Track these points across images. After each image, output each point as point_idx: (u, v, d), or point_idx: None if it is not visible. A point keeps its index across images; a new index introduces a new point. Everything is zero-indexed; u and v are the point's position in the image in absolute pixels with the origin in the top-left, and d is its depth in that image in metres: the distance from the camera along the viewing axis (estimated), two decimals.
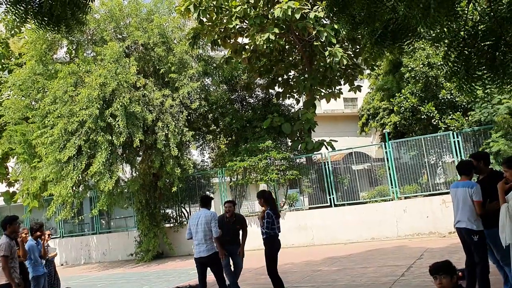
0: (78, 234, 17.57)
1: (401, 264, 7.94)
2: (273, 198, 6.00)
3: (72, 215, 13.46)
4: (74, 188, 12.73)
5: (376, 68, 18.56)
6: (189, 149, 15.25)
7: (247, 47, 14.50)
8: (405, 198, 12.47)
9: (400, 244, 10.82)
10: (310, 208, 14.27)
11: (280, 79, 16.29)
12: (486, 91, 10.03)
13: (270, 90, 16.80)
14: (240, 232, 6.65)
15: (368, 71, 19.90)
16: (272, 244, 5.80)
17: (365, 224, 12.42)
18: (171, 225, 15.42)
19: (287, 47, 15.06)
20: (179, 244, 15.00)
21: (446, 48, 4.21)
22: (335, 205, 13.21)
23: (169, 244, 14.49)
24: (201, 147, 17.41)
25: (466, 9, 4.06)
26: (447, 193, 11.20)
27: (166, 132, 13.00)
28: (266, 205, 5.83)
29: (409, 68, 16.10)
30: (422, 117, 16.17)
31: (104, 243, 16.80)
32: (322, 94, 16.26)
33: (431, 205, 11.62)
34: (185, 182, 14.85)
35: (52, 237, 17.18)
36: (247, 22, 13.63)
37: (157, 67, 13.94)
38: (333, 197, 13.15)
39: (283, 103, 17.29)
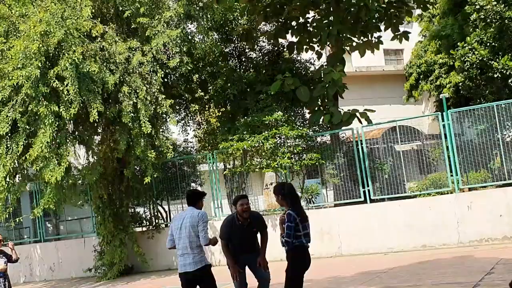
0: (15, 243, 17.92)
1: (465, 282, 8.03)
2: (296, 193, 6.02)
3: (6, 216, 13.57)
4: (7, 179, 12.76)
5: (431, 7, 18.14)
6: (167, 124, 15.42)
7: None
8: (470, 190, 12.61)
9: (463, 253, 10.95)
10: (336, 205, 14.32)
11: (294, 23, 16.04)
12: None
13: (280, 40, 16.62)
14: (258, 235, 6.94)
15: (418, 11, 19.77)
16: (297, 260, 5.81)
17: (414, 226, 12.52)
18: (144, 229, 15.71)
19: None
20: (155, 255, 15.23)
21: None
22: (372, 201, 13.33)
23: (141, 255, 14.75)
24: (183, 121, 17.77)
25: None
26: None
27: (135, 101, 12.96)
28: (287, 203, 5.86)
29: (477, 7, 15.85)
30: (495, 75, 16.02)
31: (51, 254, 16.95)
32: (354, 44, 16.11)
33: (506, 200, 11.66)
34: (162, 170, 14.99)
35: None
36: None
37: (120, 9, 13.76)
38: (368, 190, 13.25)
39: (298, 58, 17.17)
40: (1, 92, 12.22)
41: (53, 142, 12.38)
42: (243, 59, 17.08)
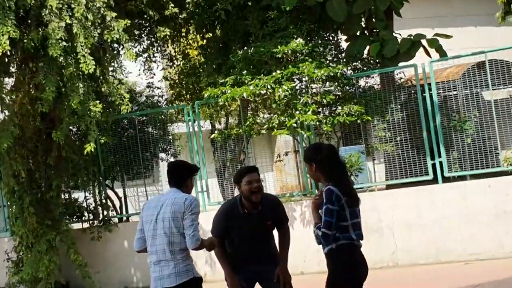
0: None
1: None
2: (340, 160, 6.01)
3: None
4: None
5: None
6: (121, 59, 15.67)
7: None
8: None
9: None
10: (389, 187, 14.38)
11: None
12: None
13: None
14: (275, 234, 7.06)
15: None
16: (343, 266, 5.79)
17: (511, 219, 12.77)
18: (86, 226, 15.80)
19: None
20: (104, 267, 15.31)
21: None
22: (445, 180, 13.54)
23: (81, 266, 14.75)
24: (146, 55, 17.78)
25: None
26: None
27: (68, 22, 12.85)
28: (326, 176, 5.80)
29: None
30: None
31: None
32: None
33: None
34: (113, 133, 15.29)
35: None
36: None
37: None
38: (440, 163, 13.45)
39: None
40: None
41: None
42: None
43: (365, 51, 15.54)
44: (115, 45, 14.31)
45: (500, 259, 12.46)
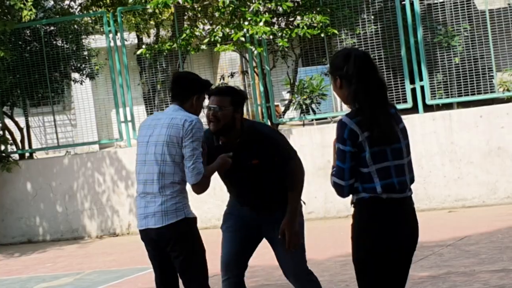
0: None
1: None
2: (378, 76, 5.18)
3: None
4: None
5: None
6: None
7: None
8: None
9: None
10: None
11: None
12: None
13: None
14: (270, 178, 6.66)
15: None
16: (363, 230, 5.18)
17: (508, 157, 12.99)
18: None
19: None
20: (5, 214, 15.39)
21: None
22: (428, 108, 13.87)
23: None
24: None
25: None
26: None
27: None
28: (351, 97, 5.11)
29: None
30: None
31: None
32: None
33: None
34: (13, 46, 15.39)
35: None
36: None
37: None
38: (422, 87, 13.68)
39: None
40: None
41: None
42: None
43: None
44: None
45: (491, 205, 12.72)
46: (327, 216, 13.51)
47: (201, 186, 6.06)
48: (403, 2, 13.74)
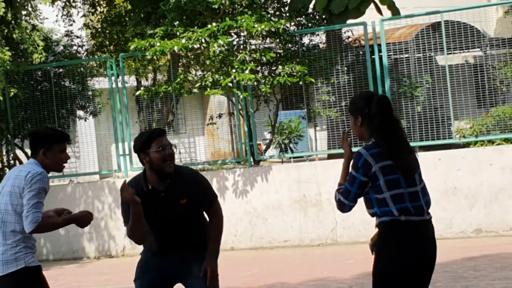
0: None
1: None
2: (394, 117, 5.33)
3: None
4: None
5: None
6: (35, 2, 15.58)
7: None
8: None
9: None
10: (331, 157, 14.43)
11: None
12: None
13: None
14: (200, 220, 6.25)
15: None
16: (387, 250, 5.29)
17: (462, 195, 12.99)
18: None
19: None
20: None
21: None
22: None
23: None
24: None
25: None
26: None
27: None
28: (370, 135, 5.29)
29: None
30: None
31: None
32: None
33: None
34: (25, 85, 15.34)
35: None
36: None
37: None
38: None
39: None
40: None
41: None
42: None
43: (311, 6, 15.36)
44: None
45: (447, 239, 12.62)
46: (301, 244, 13.42)
47: (39, 231, 5.75)
48: (372, 56, 13.84)
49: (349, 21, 14.79)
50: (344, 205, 5.25)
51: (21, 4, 14.16)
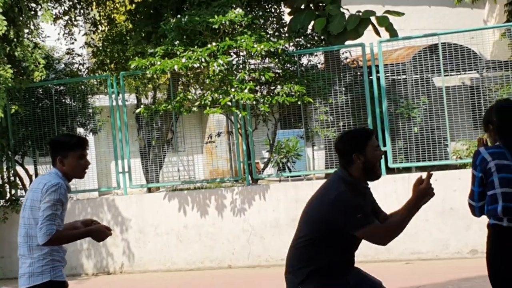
0: None
1: None
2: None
3: None
4: None
5: None
6: (38, 21, 15.48)
7: None
8: None
9: None
10: (327, 177, 14.18)
11: None
12: None
13: None
14: None
15: None
16: (494, 250, 5.37)
17: (459, 216, 12.74)
18: None
19: None
20: (12, 251, 14.81)
21: None
22: (390, 171, 13.79)
23: None
24: (67, 18, 17.81)
25: None
26: None
27: None
28: (495, 138, 5.43)
29: None
30: None
31: None
32: None
33: None
34: (26, 102, 15.42)
35: None
36: None
37: None
38: (384, 152, 13.49)
39: None
40: None
41: None
42: None
43: (310, 27, 15.47)
44: (32, 4, 14.20)
45: (444, 259, 12.65)
46: None
47: (52, 244, 5.68)
48: (370, 77, 13.89)
49: (347, 42, 14.96)
50: (473, 207, 5.39)
51: (24, 22, 14.14)
